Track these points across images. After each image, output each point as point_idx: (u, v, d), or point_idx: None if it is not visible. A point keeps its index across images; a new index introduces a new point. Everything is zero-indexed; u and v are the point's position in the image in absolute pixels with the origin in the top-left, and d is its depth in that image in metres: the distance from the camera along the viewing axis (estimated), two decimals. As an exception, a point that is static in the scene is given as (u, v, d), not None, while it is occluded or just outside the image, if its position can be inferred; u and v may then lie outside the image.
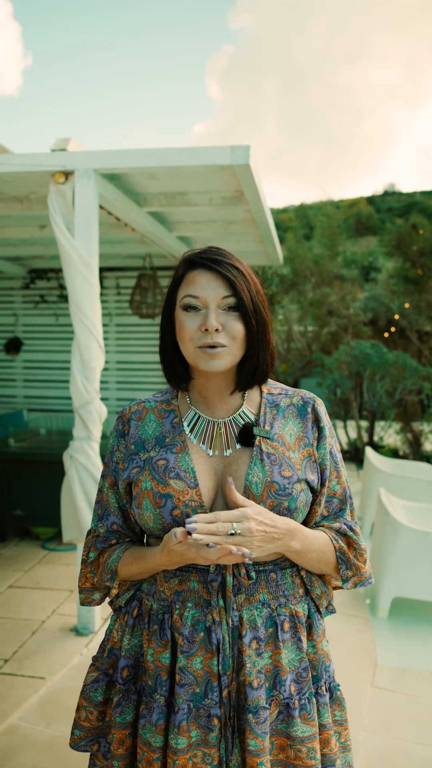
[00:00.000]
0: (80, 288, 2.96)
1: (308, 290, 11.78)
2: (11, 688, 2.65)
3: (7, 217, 4.42)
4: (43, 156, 3.01)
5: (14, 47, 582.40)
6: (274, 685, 1.13)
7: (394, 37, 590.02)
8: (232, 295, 1.10)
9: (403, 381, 7.78)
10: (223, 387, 1.18)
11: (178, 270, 1.16)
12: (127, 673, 1.19)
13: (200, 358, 1.11)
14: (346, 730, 1.24)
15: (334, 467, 1.21)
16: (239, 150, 2.93)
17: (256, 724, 1.08)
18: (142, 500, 1.14)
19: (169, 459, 1.14)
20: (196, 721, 1.10)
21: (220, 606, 1.11)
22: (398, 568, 3.45)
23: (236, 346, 1.12)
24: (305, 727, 1.12)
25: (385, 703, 2.63)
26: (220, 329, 1.09)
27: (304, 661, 1.16)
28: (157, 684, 1.13)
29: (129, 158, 3.02)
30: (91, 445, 3.07)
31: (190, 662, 1.11)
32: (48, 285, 6.61)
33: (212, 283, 1.10)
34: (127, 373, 6.55)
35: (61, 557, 4.26)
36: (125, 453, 1.21)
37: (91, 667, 1.27)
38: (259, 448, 1.14)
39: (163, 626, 1.15)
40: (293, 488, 1.12)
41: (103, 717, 1.24)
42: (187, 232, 4.83)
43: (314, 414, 1.20)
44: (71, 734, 1.26)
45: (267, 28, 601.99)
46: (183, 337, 1.12)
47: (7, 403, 6.84)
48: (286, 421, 1.18)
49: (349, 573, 1.19)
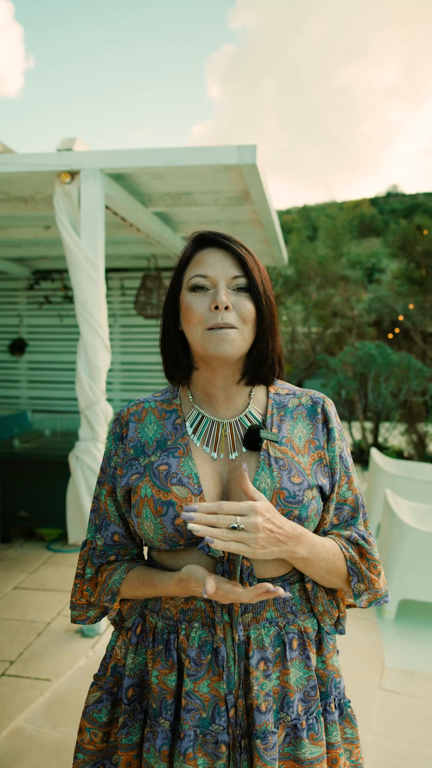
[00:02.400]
0: (86, 288, 2.95)
1: (312, 291, 11.76)
2: (17, 690, 2.64)
3: (13, 218, 4.42)
4: (49, 156, 3.00)
5: (16, 49, 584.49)
6: (281, 707, 1.07)
7: (394, 36, 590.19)
8: (243, 275, 1.05)
9: (408, 382, 7.75)
10: (229, 381, 1.10)
11: (185, 251, 1.11)
12: (132, 693, 1.12)
13: (209, 341, 1.03)
14: (358, 749, 1.17)
15: (344, 472, 1.13)
16: (246, 149, 2.92)
17: (264, 751, 1.02)
18: (142, 508, 1.06)
19: (171, 464, 1.07)
20: (203, 748, 1.04)
21: (225, 621, 1.05)
22: (405, 570, 3.42)
23: (246, 329, 1.05)
24: (313, 748, 1.07)
25: (394, 706, 2.61)
26: (230, 307, 1.03)
27: (312, 679, 1.10)
28: (162, 707, 1.07)
29: (135, 158, 3.02)
30: (97, 446, 3.06)
31: (197, 686, 1.05)
32: (52, 286, 6.61)
33: (223, 261, 1.06)
34: (132, 374, 6.54)
35: (66, 558, 4.25)
36: (123, 458, 1.12)
37: (93, 686, 1.19)
38: (267, 452, 1.06)
39: (169, 647, 1.08)
40: (304, 495, 1.05)
41: (108, 738, 1.17)
42: (192, 232, 4.82)
43: (324, 415, 1.13)
44: (74, 758, 1.18)
45: (267, 28, 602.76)
46: (191, 320, 1.05)
47: (11, 405, 6.84)
48: (295, 423, 1.11)
49: (362, 587, 1.10)
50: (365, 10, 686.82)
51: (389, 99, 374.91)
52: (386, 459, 5.38)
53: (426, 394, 8.14)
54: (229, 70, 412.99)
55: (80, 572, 1.20)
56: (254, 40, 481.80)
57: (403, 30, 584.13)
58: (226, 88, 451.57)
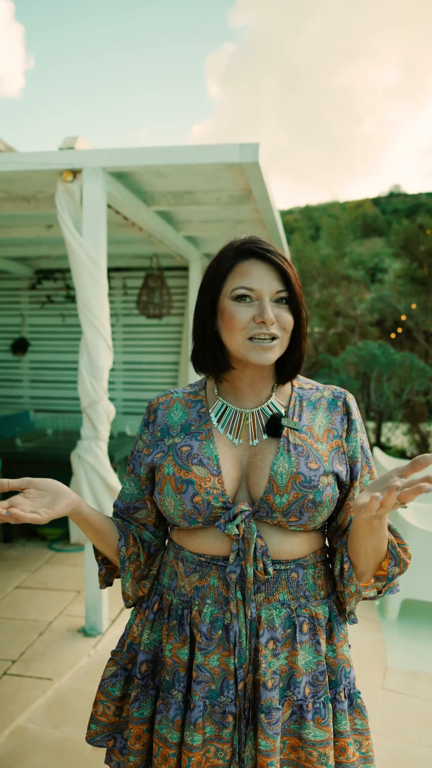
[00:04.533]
0: (88, 287, 2.94)
1: (315, 291, 11.76)
2: (19, 690, 2.63)
3: (15, 217, 4.42)
4: (52, 154, 3.00)
5: (16, 49, 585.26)
6: (288, 685, 1.11)
7: (393, 36, 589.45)
8: (285, 289, 1.11)
9: (411, 382, 7.73)
10: (258, 379, 1.17)
11: (226, 259, 1.13)
12: (145, 668, 1.19)
13: (252, 351, 1.09)
14: (368, 741, 1.19)
15: (365, 462, 1.18)
16: (248, 148, 2.91)
17: (267, 725, 1.07)
18: (164, 485, 1.13)
19: (193, 446, 1.13)
20: (211, 718, 1.10)
21: (238, 598, 1.09)
22: (408, 570, 3.41)
23: (286, 338, 1.12)
24: (318, 732, 1.10)
25: (397, 706, 2.60)
26: (275, 321, 1.09)
27: (321, 664, 1.13)
28: (174, 680, 1.13)
29: (137, 156, 3.01)
30: (99, 445, 3.05)
31: (207, 660, 1.10)
32: (54, 285, 6.61)
33: (267, 275, 1.10)
34: (134, 374, 6.54)
35: (68, 558, 4.25)
36: (151, 440, 1.21)
37: (110, 661, 1.26)
38: (287, 438, 1.12)
39: (182, 622, 1.14)
40: (319, 481, 1.09)
41: (120, 712, 1.23)
42: (194, 231, 4.82)
43: (345, 407, 1.18)
44: (88, 728, 1.25)
45: (268, 27, 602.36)
46: (233, 327, 1.10)
47: (13, 404, 6.84)
48: (316, 413, 1.17)
49: (396, 570, 1.13)
50: (365, 9, 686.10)
51: (390, 98, 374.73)
52: (389, 459, 5.37)
53: (428, 394, 8.13)
54: (230, 70, 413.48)
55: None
56: (255, 39, 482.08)
57: (404, 29, 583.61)
58: (226, 88, 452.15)
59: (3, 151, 4.43)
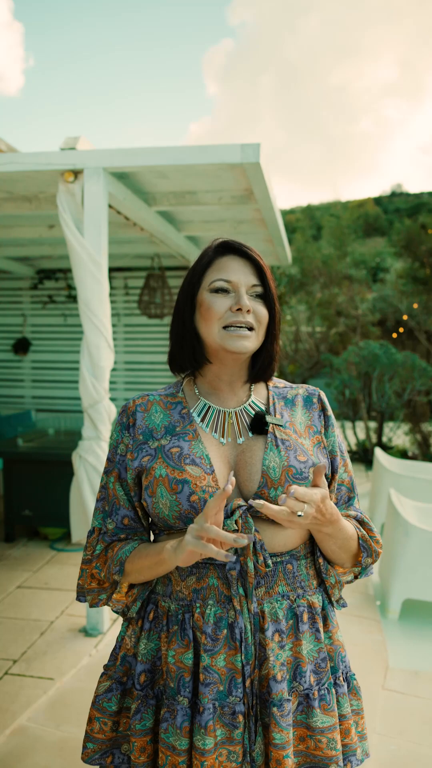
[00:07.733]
0: (89, 287, 2.95)
1: (316, 291, 11.75)
2: (20, 689, 2.64)
3: (16, 217, 4.42)
4: (53, 155, 3.00)
5: (16, 48, 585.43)
6: (294, 676, 1.14)
7: (391, 33, 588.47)
8: (261, 284, 1.16)
9: (412, 382, 7.73)
10: (235, 376, 1.20)
11: (206, 256, 1.19)
12: (144, 678, 1.17)
13: (228, 339, 1.13)
14: (363, 719, 1.26)
15: (341, 455, 1.24)
16: (249, 148, 2.92)
17: (280, 717, 1.09)
18: (156, 488, 1.12)
19: (182, 446, 1.14)
20: (221, 719, 1.10)
21: (240, 594, 1.10)
22: (409, 570, 3.41)
23: (261, 331, 1.16)
24: (325, 718, 1.13)
25: (398, 706, 2.60)
26: (251, 310, 1.14)
27: (322, 651, 1.17)
28: (180, 686, 1.12)
29: (139, 156, 3.01)
30: (101, 445, 3.06)
31: (214, 660, 1.10)
32: (56, 285, 6.62)
33: (244, 269, 1.16)
34: (135, 374, 6.55)
35: (70, 557, 4.25)
36: (133, 444, 1.19)
37: (103, 676, 1.24)
38: (273, 434, 1.16)
39: (184, 626, 1.13)
40: (309, 473, 1.13)
41: (117, 727, 1.21)
42: (195, 231, 4.82)
43: (320, 404, 1.25)
44: (83, 747, 1.22)
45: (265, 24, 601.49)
46: (210, 318, 1.14)
47: (15, 404, 6.85)
48: (295, 409, 1.22)
49: (369, 560, 1.22)
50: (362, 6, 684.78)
51: (388, 96, 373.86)
52: (390, 459, 5.37)
53: (430, 394, 8.12)
54: (227, 67, 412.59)
55: (88, 557, 1.23)
56: (252, 36, 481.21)
57: (401, 26, 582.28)
58: (223, 86, 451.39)
59: (5, 152, 4.44)
